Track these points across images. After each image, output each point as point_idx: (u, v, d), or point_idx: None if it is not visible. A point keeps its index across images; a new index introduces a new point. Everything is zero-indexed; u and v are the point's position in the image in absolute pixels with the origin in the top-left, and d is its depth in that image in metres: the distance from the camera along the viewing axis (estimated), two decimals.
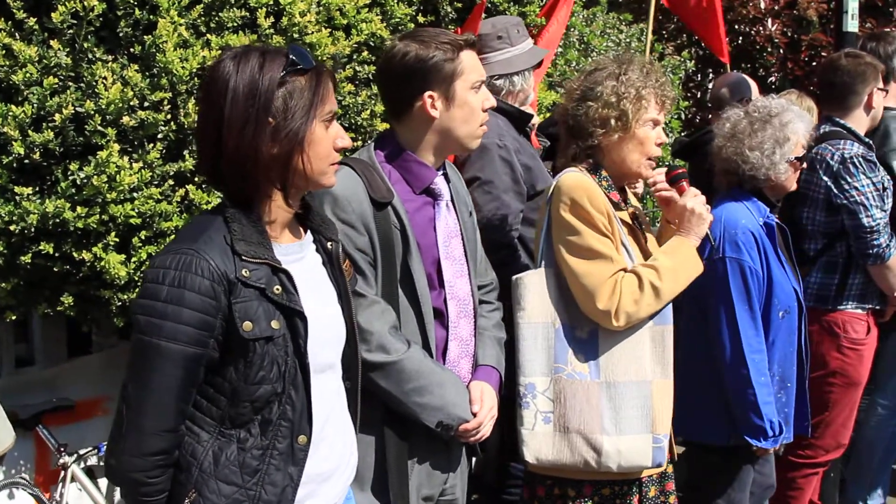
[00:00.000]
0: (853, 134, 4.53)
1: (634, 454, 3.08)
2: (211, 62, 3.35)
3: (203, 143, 2.28)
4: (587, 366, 3.12)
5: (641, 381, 3.10)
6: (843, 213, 4.36)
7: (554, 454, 3.11)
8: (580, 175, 3.17)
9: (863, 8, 8.21)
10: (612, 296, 3.04)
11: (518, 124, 4.03)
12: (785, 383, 3.71)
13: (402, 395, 2.85)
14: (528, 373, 3.14)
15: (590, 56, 7.25)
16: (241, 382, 2.20)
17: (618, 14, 8.12)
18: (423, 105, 2.94)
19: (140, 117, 3.32)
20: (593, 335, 3.14)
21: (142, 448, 2.14)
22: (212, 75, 2.24)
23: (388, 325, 2.84)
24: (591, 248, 3.08)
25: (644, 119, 3.17)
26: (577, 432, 3.08)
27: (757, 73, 8.79)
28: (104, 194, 3.26)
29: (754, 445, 3.58)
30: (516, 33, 4.03)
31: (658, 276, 3.08)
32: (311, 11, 3.59)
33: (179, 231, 2.32)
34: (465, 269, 3.08)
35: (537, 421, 3.12)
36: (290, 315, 2.24)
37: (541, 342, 3.14)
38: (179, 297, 2.12)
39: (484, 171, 3.73)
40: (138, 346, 2.15)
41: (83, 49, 3.32)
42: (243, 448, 2.23)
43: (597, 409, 3.08)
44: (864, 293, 4.48)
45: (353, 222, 2.83)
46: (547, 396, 3.13)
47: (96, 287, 3.48)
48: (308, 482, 2.32)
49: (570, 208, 3.09)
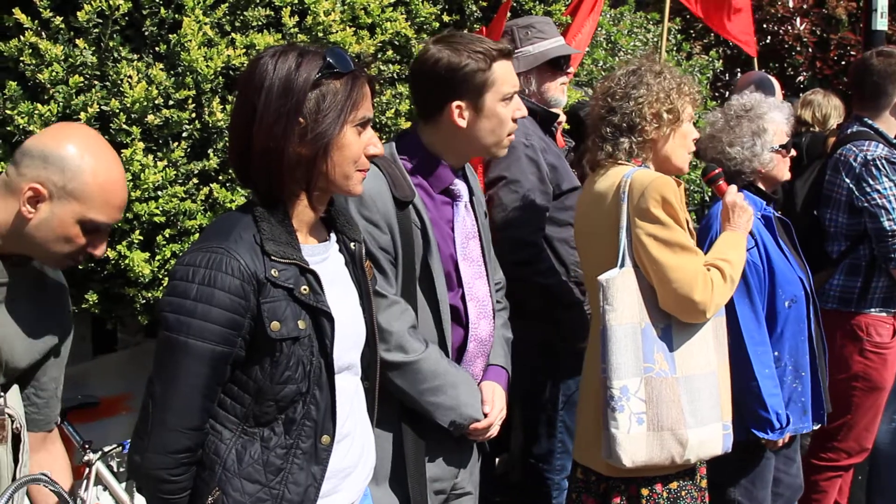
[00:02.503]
0: (881, 135, 4.48)
1: (710, 443, 3.18)
2: (236, 61, 3.37)
3: (234, 138, 2.29)
4: (667, 363, 3.15)
5: (710, 372, 3.19)
6: (864, 215, 4.31)
7: (646, 454, 3.13)
8: (655, 173, 3.23)
9: (892, 6, 8.13)
10: (705, 288, 3.11)
11: (544, 124, 4.02)
12: (799, 372, 3.71)
13: (417, 394, 2.87)
14: (621, 375, 3.12)
15: (616, 55, 7.22)
16: (267, 381, 2.20)
17: (645, 13, 8.09)
18: (451, 114, 2.92)
19: (164, 116, 3.32)
20: (667, 331, 3.18)
21: (167, 445, 2.14)
22: (250, 71, 2.24)
23: (407, 325, 2.85)
24: (681, 243, 3.13)
25: (688, 114, 3.30)
26: (668, 430, 3.12)
27: (786, 73, 8.74)
28: (129, 192, 3.26)
29: (762, 438, 3.58)
30: (524, 35, 4.01)
31: (733, 269, 3.23)
32: (336, 10, 3.58)
33: (207, 228, 2.32)
34: (482, 270, 3.09)
35: (632, 423, 3.12)
36: (317, 315, 2.24)
37: (630, 343, 3.14)
38: (209, 295, 2.12)
39: (510, 170, 3.73)
40: (166, 344, 2.15)
41: (108, 48, 3.33)
42: (267, 447, 2.23)
43: (679, 404, 3.13)
44: (888, 296, 4.42)
45: (378, 221, 2.83)
46: (639, 398, 3.13)
47: (120, 285, 3.49)
48: (331, 477, 2.33)
49: (661, 204, 3.12)
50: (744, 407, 3.56)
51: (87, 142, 2.28)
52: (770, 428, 3.57)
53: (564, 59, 4.08)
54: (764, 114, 3.78)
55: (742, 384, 3.54)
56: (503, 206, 3.69)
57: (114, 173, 2.30)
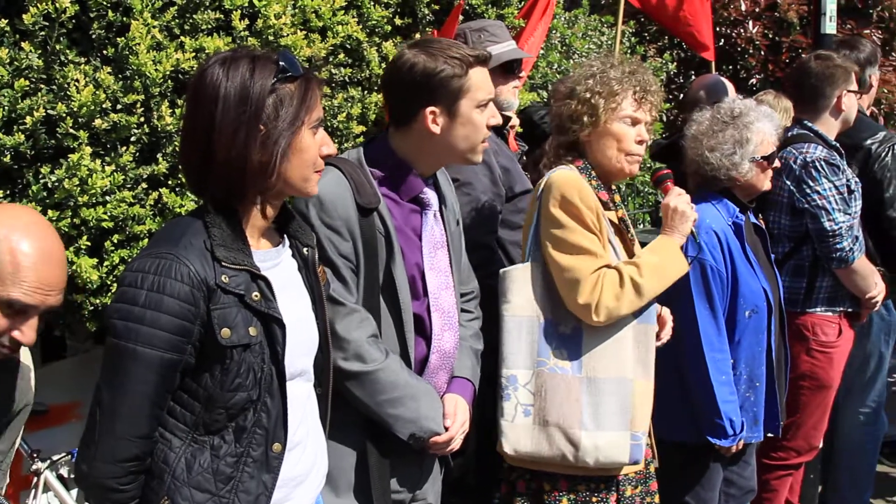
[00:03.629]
0: (820, 137, 4.55)
1: (612, 450, 3.11)
2: (185, 64, 3.33)
3: (190, 150, 2.25)
4: (569, 361, 3.14)
5: (623, 378, 3.13)
6: (806, 216, 4.38)
7: (532, 446, 3.14)
8: (570, 172, 3.21)
9: (842, 9, 8.25)
10: (593, 290, 3.07)
11: (496, 127, 4.02)
12: (753, 383, 3.74)
13: (376, 405, 2.84)
14: (510, 365, 3.17)
15: (571, 58, 7.25)
16: (217, 389, 2.19)
17: (599, 16, 8.14)
18: (425, 119, 2.90)
19: (112, 120, 3.28)
20: (577, 331, 3.16)
21: (115, 454, 2.12)
22: (200, 80, 2.21)
23: (366, 334, 2.82)
24: (577, 244, 3.10)
25: (619, 115, 3.21)
26: (556, 426, 3.11)
27: (738, 75, 8.84)
28: (76, 198, 3.22)
29: (714, 444, 3.61)
30: (477, 39, 4.01)
31: (640, 273, 3.10)
32: (287, 14, 3.56)
33: (157, 234, 2.29)
34: (450, 280, 3.06)
35: (517, 413, 3.15)
36: (268, 322, 2.23)
37: (524, 335, 3.18)
38: (158, 302, 2.10)
39: (462, 173, 3.72)
40: (114, 351, 2.13)
41: (55, 51, 3.28)
42: (217, 455, 2.21)
43: (577, 405, 3.11)
44: (833, 296, 4.50)
45: (339, 228, 2.81)
46: (528, 389, 3.15)
47: (68, 291, 3.42)
48: (282, 485, 2.31)
49: (560, 203, 3.12)
50: (699, 412, 3.58)
51: (18, 221, 2.15)
52: (723, 434, 3.59)
53: (516, 63, 4.08)
54: (750, 123, 3.74)
55: (698, 389, 3.56)
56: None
57: (44, 253, 2.15)
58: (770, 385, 3.80)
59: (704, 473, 3.74)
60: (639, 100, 3.25)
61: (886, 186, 4.81)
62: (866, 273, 4.45)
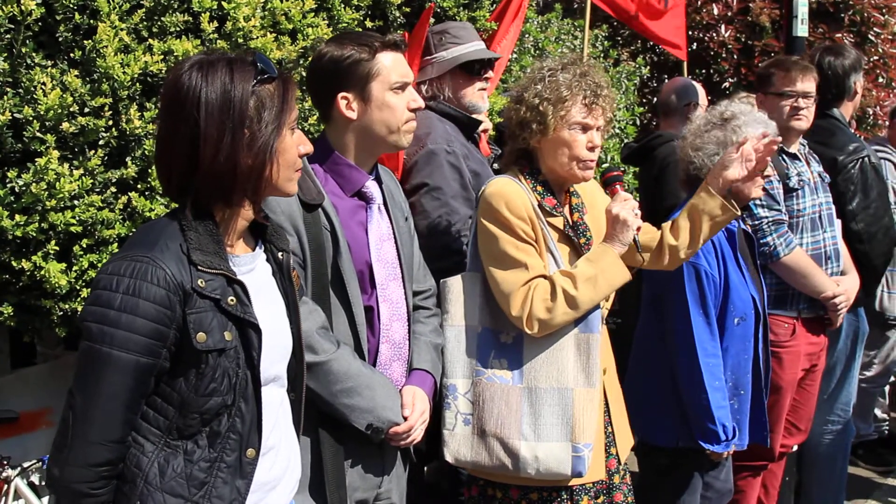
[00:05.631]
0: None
1: (552, 461, 3.07)
2: (153, 67, 3.31)
3: (173, 159, 2.21)
4: (510, 371, 3.13)
5: (563, 387, 3.09)
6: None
7: (472, 456, 3.14)
8: (504, 180, 3.17)
9: (814, 13, 8.31)
10: (523, 303, 3.05)
11: (466, 130, 4.02)
12: (738, 390, 3.73)
13: (331, 396, 2.85)
14: (449, 374, 3.18)
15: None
16: (192, 394, 2.17)
17: (572, 20, 8.15)
18: (339, 106, 2.98)
19: (80, 123, 3.25)
20: (518, 341, 3.15)
21: (87, 458, 2.10)
22: (176, 87, 2.18)
23: (315, 326, 2.83)
24: (507, 255, 3.09)
25: (569, 122, 3.12)
26: (493, 436, 3.10)
27: (711, 79, 8.88)
28: (44, 202, 3.19)
29: (706, 449, 3.60)
30: (438, 41, 4.01)
31: (573, 284, 3.05)
32: (256, 16, 3.54)
33: (132, 236, 2.27)
34: (398, 272, 3.09)
35: (457, 422, 3.16)
36: (244, 327, 2.22)
37: (463, 345, 3.18)
38: (134, 305, 2.08)
39: (432, 177, 3.72)
40: (88, 354, 2.11)
41: (21, 54, 3.24)
42: (190, 460, 2.20)
43: (516, 414, 3.10)
44: (780, 295, 4.48)
45: (282, 223, 2.82)
46: (467, 398, 3.16)
47: (37, 296, 3.41)
48: (256, 490, 2.30)
49: (488, 214, 3.11)
50: (692, 417, 3.58)
51: None
52: (716, 440, 3.58)
53: (479, 64, 4.05)
54: (738, 127, 3.68)
55: (691, 395, 3.55)
56: (426, 214, 3.69)
57: None
58: (756, 393, 3.80)
59: (686, 478, 3.74)
60: (589, 105, 3.13)
61: (850, 199, 4.83)
62: (806, 271, 4.42)
